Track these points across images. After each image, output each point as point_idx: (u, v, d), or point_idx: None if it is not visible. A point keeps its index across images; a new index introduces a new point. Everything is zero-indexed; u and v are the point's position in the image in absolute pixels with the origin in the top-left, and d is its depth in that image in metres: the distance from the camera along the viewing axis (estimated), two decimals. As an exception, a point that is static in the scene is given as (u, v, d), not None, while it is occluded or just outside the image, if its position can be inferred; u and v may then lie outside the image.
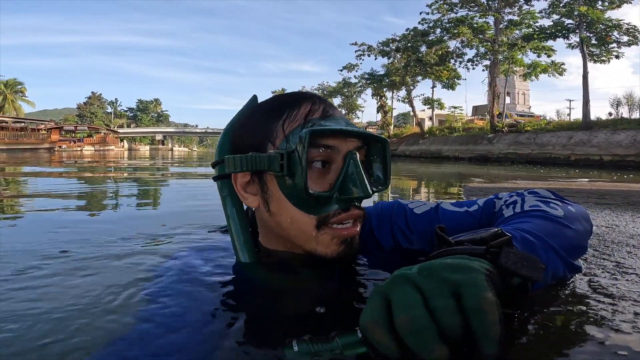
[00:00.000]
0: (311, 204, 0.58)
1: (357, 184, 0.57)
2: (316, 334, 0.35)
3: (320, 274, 0.64)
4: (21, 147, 23.27)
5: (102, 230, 1.24)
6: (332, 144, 0.59)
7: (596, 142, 13.56)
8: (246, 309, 0.54)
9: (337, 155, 0.59)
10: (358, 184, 0.57)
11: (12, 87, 43.14)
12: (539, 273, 0.38)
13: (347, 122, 0.64)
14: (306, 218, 0.59)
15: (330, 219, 0.59)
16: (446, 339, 0.31)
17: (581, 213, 0.65)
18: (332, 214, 0.58)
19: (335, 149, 0.59)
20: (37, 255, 0.84)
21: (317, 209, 0.58)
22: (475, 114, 32.93)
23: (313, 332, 0.37)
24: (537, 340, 0.44)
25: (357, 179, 0.57)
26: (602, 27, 15.67)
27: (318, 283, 0.63)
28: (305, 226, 0.59)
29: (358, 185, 0.57)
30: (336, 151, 0.59)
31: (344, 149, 0.59)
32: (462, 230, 0.51)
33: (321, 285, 0.62)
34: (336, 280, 0.64)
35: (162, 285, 0.62)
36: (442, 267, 0.35)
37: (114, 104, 63.44)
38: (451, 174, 5.90)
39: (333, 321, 0.51)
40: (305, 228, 0.60)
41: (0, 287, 0.65)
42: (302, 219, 0.59)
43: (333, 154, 0.59)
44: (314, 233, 0.59)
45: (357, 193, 0.57)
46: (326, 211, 0.58)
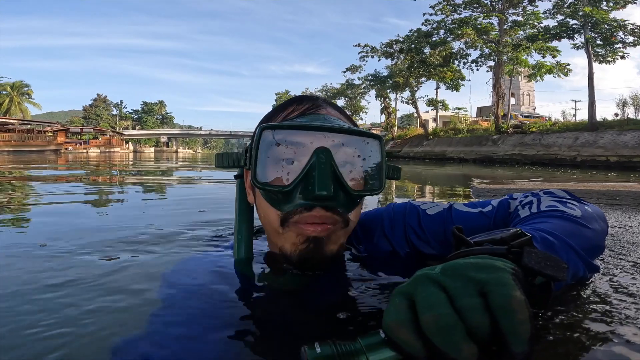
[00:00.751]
0: (275, 199, 0.59)
1: (316, 180, 0.54)
2: (316, 338, 0.35)
3: (310, 276, 0.63)
4: (27, 149, 23.51)
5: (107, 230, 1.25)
6: (298, 140, 0.58)
7: (602, 143, 13.46)
8: (236, 310, 0.54)
9: (307, 152, 0.57)
10: (316, 181, 0.54)
11: (19, 89, 43.36)
12: (563, 273, 0.38)
13: (328, 119, 0.62)
14: (273, 213, 0.60)
15: (293, 216, 0.57)
16: (474, 338, 0.31)
17: (597, 213, 0.65)
18: (295, 212, 0.57)
19: (303, 145, 0.58)
20: (51, 255, 0.85)
21: (280, 205, 0.58)
22: (479, 115, 32.82)
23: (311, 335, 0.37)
24: (564, 339, 0.44)
25: (317, 175, 0.54)
26: (607, 27, 15.57)
27: (308, 285, 0.61)
28: (273, 221, 0.60)
29: (316, 182, 0.54)
30: (305, 148, 0.58)
31: (314, 146, 0.57)
32: (476, 232, 0.50)
33: (311, 288, 0.61)
34: (334, 282, 0.63)
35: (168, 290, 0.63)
36: (466, 267, 0.35)
37: (119, 106, 63.92)
38: (456, 176, 5.88)
39: (331, 322, 0.51)
40: (273, 223, 0.60)
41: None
42: (270, 214, 0.60)
43: (302, 151, 0.58)
44: (279, 229, 0.60)
45: (315, 191, 0.54)
46: (288, 208, 0.58)
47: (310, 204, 0.56)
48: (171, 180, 3.99)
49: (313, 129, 0.58)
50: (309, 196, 0.55)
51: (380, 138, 0.62)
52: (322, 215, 0.57)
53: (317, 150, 0.56)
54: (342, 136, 0.59)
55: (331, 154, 0.56)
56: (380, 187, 0.62)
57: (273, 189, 0.57)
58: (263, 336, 0.48)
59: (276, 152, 0.58)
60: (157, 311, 0.55)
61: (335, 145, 0.58)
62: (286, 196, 0.58)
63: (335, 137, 0.59)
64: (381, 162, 0.61)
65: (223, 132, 59.56)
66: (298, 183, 0.56)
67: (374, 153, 0.62)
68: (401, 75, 23.74)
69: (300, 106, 0.64)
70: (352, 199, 0.60)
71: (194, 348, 0.45)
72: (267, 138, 0.58)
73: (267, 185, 0.58)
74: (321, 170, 0.55)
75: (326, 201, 0.56)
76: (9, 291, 0.66)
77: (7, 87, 41.56)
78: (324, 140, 0.58)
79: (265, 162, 0.58)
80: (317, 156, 0.56)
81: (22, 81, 44.60)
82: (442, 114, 28.64)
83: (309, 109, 0.64)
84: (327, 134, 0.58)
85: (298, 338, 0.46)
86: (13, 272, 0.77)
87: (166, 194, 2.69)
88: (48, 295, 0.65)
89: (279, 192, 0.57)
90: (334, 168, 0.56)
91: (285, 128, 0.58)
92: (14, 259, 0.86)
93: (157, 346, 0.45)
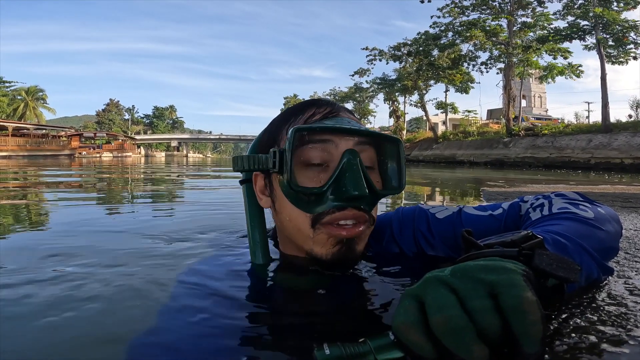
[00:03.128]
0: (305, 201, 0.59)
1: (350, 181, 0.55)
2: (333, 339, 0.35)
3: (329, 278, 0.63)
4: (42, 153, 24.01)
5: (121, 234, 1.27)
6: (328, 142, 0.59)
7: (616, 145, 13.17)
8: (256, 312, 0.55)
9: (335, 154, 0.59)
10: (350, 182, 0.55)
11: (34, 94, 43.90)
12: (575, 274, 0.38)
13: (350, 122, 0.63)
14: (302, 216, 0.60)
15: (324, 217, 0.58)
16: (484, 339, 0.31)
17: (611, 214, 0.64)
18: (326, 212, 0.58)
19: (331, 147, 0.59)
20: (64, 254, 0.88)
21: (311, 207, 0.59)
22: (490, 118, 32.42)
23: (327, 337, 0.37)
24: (578, 342, 0.44)
25: (350, 176, 0.56)
26: (618, 28, 15.31)
27: (327, 287, 0.62)
28: (301, 224, 0.60)
29: (350, 183, 0.55)
30: (333, 150, 0.59)
31: (341, 148, 0.59)
32: (487, 235, 0.50)
33: (330, 290, 0.61)
34: (347, 285, 0.63)
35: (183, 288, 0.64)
36: (476, 268, 0.35)
37: (131, 111, 64.97)
38: (467, 179, 5.82)
39: (346, 325, 0.51)
40: (302, 226, 0.60)
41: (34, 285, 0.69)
42: (298, 217, 0.60)
43: (330, 152, 0.59)
44: (309, 232, 0.60)
45: (350, 191, 0.55)
46: (320, 209, 0.58)
47: (343, 204, 0.58)
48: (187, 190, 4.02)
49: (344, 131, 0.59)
50: (343, 196, 0.57)
51: (399, 141, 0.64)
52: (355, 214, 0.58)
53: (346, 151, 0.58)
54: (367, 138, 0.61)
55: (359, 155, 0.58)
56: (401, 186, 0.64)
57: (307, 191, 0.58)
58: (273, 338, 0.48)
59: (308, 153, 0.60)
60: (171, 312, 0.56)
61: (360, 147, 0.60)
62: (319, 198, 0.58)
63: (361, 140, 0.61)
64: (400, 163, 0.64)
65: (232, 137, 60.06)
66: (331, 184, 0.57)
67: (394, 154, 0.64)
68: (409, 78, 23.65)
69: (321, 109, 0.65)
70: (377, 198, 0.62)
71: (207, 349, 0.45)
72: (300, 140, 0.59)
73: (302, 188, 0.58)
74: (354, 172, 0.56)
75: (359, 201, 0.58)
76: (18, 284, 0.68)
77: (22, 92, 42.13)
78: (350, 142, 0.60)
79: (299, 164, 0.59)
80: (348, 157, 0.57)
81: (36, 86, 44.94)
82: (451, 116, 28.40)
83: (331, 112, 0.65)
84: (355, 136, 0.60)
85: (307, 339, 0.46)
86: (21, 261, 0.79)
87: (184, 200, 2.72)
88: (58, 292, 0.67)
89: (312, 193, 0.58)
90: (363, 169, 0.57)
91: (318, 130, 0.59)
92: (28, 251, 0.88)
93: (172, 347, 0.46)
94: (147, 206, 2.17)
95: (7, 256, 0.94)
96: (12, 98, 39.69)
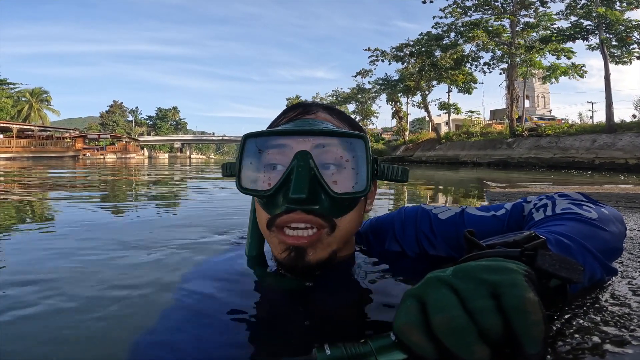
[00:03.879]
0: (264, 203, 0.61)
1: (293, 183, 0.54)
2: (334, 339, 0.35)
3: (330, 278, 0.63)
4: (47, 155, 24.17)
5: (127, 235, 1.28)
6: (280, 145, 0.60)
7: (621, 145, 13.09)
8: (257, 312, 0.55)
9: (289, 157, 0.58)
10: (293, 184, 0.54)
11: (38, 96, 43.85)
12: (578, 274, 0.38)
13: (313, 122, 0.62)
14: (263, 216, 0.62)
15: (277, 219, 0.59)
16: (486, 340, 0.30)
17: (614, 215, 0.64)
18: (278, 215, 0.58)
19: (285, 150, 0.59)
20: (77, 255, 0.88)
21: (268, 208, 0.60)
22: (493, 118, 32.32)
23: (328, 337, 0.36)
24: (581, 342, 0.44)
25: (294, 178, 0.55)
26: (621, 28, 15.22)
27: (328, 287, 0.62)
28: (262, 224, 0.63)
29: (292, 185, 0.54)
30: (289, 152, 0.59)
31: (294, 150, 0.58)
32: (490, 235, 0.49)
33: (331, 290, 0.61)
34: (347, 285, 0.64)
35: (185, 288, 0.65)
36: (478, 269, 0.35)
37: (135, 112, 65.23)
38: (470, 180, 5.80)
39: (347, 325, 0.51)
40: (262, 226, 0.63)
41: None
42: (261, 217, 0.63)
43: (286, 155, 0.59)
44: (267, 232, 0.62)
45: (291, 193, 0.54)
46: (274, 211, 0.59)
47: (292, 207, 0.57)
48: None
49: (291, 133, 0.59)
50: (289, 199, 0.56)
51: (363, 137, 0.59)
52: (301, 218, 0.57)
53: (297, 154, 0.57)
54: (323, 138, 0.59)
55: (311, 156, 0.56)
56: (365, 187, 0.58)
57: (255, 193, 0.60)
58: (274, 338, 0.48)
59: (260, 158, 0.61)
60: (174, 312, 0.56)
61: (316, 148, 0.58)
62: (270, 200, 0.59)
63: (316, 140, 0.59)
64: (366, 161, 0.59)
65: (235, 138, 60.08)
66: (279, 187, 0.57)
67: (357, 153, 0.59)
68: (412, 79, 23.61)
69: (292, 113, 0.67)
70: (338, 202, 0.58)
71: (209, 348, 0.46)
72: (250, 146, 0.61)
73: (248, 190, 0.60)
74: (299, 174, 0.55)
75: (305, 204, 0.56)
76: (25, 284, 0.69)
77: (26, 94, 42.15)
78: (304, 143, 0.58)
79: (249, 168, 0.61)
80: (297, 160, 0.56)
81: (41, 88, 44.90)
82: (454, 117, 28.31)
83: (297, 115, 0.66)
84: (308, 137, 0.58)
85: (308, 340, 0.46)
86: (27, 263, 0.80)
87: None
88: (61, 293, 0.68)
89: (262, 196, 0.59)
90: (313, 171, 0.56)
91: (265, 135, 0.61)
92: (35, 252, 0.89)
93: (174, 346, 0.46)
94: (152, 206, 2.19)
95: (16, 255, 0.95)
96: (16, 100, 39.82)
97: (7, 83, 32.97)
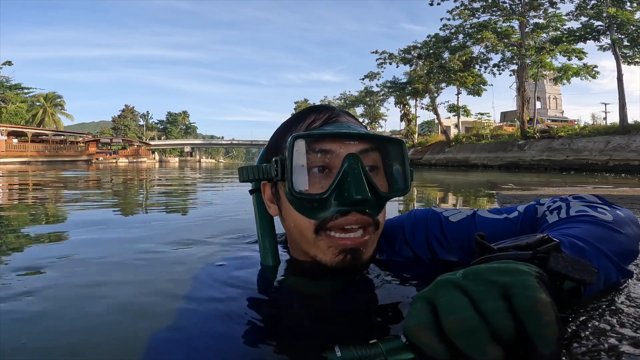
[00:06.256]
0: (309, 207, 0.60)
1: (351, 186, 0.55)
2: (344, 341, 0.35)
3: (341, 282, 0.63)
4: (61, 159, 24.61)
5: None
6: (328, 147, 0.60)
7: (635, 147, 12.82)
8: (269, 314, 0.56)
9: (337, 159, 0.59)
10: (352, 186, 0.55)
11: (52, 100, 44.34)
12: (592, 276, 0.37)
13: (350, 126, 0.64)
14: (306, 222, 0.61)
15: (328, 223, 0.58)
16: (498, 341, 0.30)
17: (630, 217, 0.63)
18: (330, 218, 0.58)
19: (333, 153, 0.60)
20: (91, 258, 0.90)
21: (314, 213, 0.59)
22: (503, 121, 31.91)
23: (338, 339, 0.37)
24: (597, 344, 0.43)
25: (352, 180, 0.56)
26: (633, 28, 14.96)
27: (338, 291, 0.62)
28: (305, 230, 0.61)
29: (352, 187, 0.55)
30: (335, 155, 0.59)
31: (343, 153, 0.59)
32: (502, 238, 0.49)
33: (341, 293, 0.62)
34: (358, 288, 0.64)
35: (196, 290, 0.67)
36: (489, 271, 0.35)
37: (146, 117, 66.11)
38: (480, 183, 5.74)
39: (357, 327, 0.51)
40: (305, 232, 0.61)
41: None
42: (302, 223, 0.61)
43: (332, 158, 0.60)
44: (312, 238, 0.60)
45: (353, 195, 0.55)
46: (324, 215, 0.59)
47: (347, 209, 0.58)
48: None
49: (343, 136, 0.60)
50: (346, 201, 0.57)
51: (401, 142, 0.64)
52: (359, 219, 0.58)
53: (347, 156, 0.58)
54: (368, 142, 0.61)
55: (360, 159, 0.58)
56: (406, 188, 0.64)
57: (309, 197, 0.58)
58: (284, 340, 0.49)
59: (310, 160, 0.60)
60: (189, 312, 0.58)
61: (362, 151, 0.60)
62: (322, 204, 0.59)
63: (362, 144, 0.61)
64: (404, 164, 0.64)
65: (244, 142, 60.55)
66: (333, 189, 0.57)
67: (397, 156, 0.64)
68: (420, 81, 23.50)
69: (321, 115, 0.66)
70: (382, 201, 0.62)
71: (223, 348, 0.47)
72: (299, 147, 0.59)
73: (303, 194, 0.59)
74: (355, 176, 0.56)
75: (361, 205, 0.58)
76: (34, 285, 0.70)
77: (40, 99, 42.71)
78: (351, 146, 0.60)
79: (300, 172, 0.60)
80: (349, 162, 0.57)
81: (54, 92, 45.34)
82: (464, 119, 28.08)
83: (331, 118, 0.66)
84: (356, 141, 0.60)
85: (319, 342, 0.47)
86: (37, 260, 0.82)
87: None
88: (77, 290, 0.70)
89: (314, 200, 0.58)
90: (365, 173, 0.58)
91: (316, 137, 0.60)
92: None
93: (189, 345, 0.47)
94: (163, 209, 2.22)
95: (35, 254, 0.98)
96: (31, 104, 40.58)
97: (21, 87, 33.67)
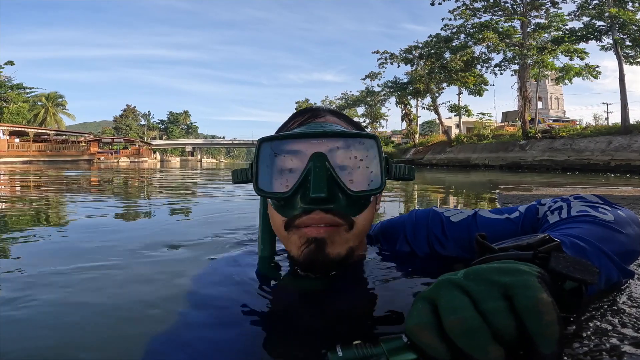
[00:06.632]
0: (280, 206, 0.62)
1: (312, 184, 0.55)
2: (346, 341, 0.35)
3: (341, 280, 0.64)
4: (62, 158, 24.66)
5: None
6: (296, 148, 0.61)
7: (637, 147, 12.79)
8: (269, 313, 0.56)
9: (304, 159, 0.59)
10: (312, 185, 0.55)
11: (54, 100, 44.46)
12: (593, 276, 0.37)
13: (324, 125, 0.64)
14: (279, 219, 0.63)
15: (294, 220, 0.60)
16: (499, 341, 0.30)
17: (631, 217, 0.63)
18: (296, 216, 0.60)
19: (301, 153, 0.60)
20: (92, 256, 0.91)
21: (285, 211, 0.61)
22: (505, 121, 31.88)
23: (339, 339, 0.36)
24: (598, 344, 0.43)
25: (312, 179, 0.56)
26: (634, 28, 14.94)
27: (339, 289, 0.62)
28: (279, 226, 0.63)
29: (312, 186, 0.55)
30: (303, 155, 0.60)
31: (309, 152, 0.59)
32: (503, 238, 0.49)
33: (342, 292, 0.62)
34: (359, 287, 0.64)
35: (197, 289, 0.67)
36: (489, 271, 0.35)
37: (147, 116, 66.26)
38: (481, 183, 5.73)
39: (359, 327, 0.52)
40: (279, 228, 0.64)
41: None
42: (276, 220, 0.64)
43: (301, 158, 0.60)
44: (285, 234, 0.63)
45: (310, 194, 0.55)
46: (292, 213, 0.60)
47: (310, 207, 0.58)
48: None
49: (305, 136, 0.61)
50: (307, 200, 0.57)
51: (375, 137, 0.62)
52: (321, 218, 0.58)
53: (312, 155, 0.58)
54: (336, 140, 0.61)
55: (326, 157, 0.58)
56: (381, 185, 0.61)
57: (274, 196, 0.61)
58: (286, 339, 0.49)
59: (275, 162, 0.62)
60: (188, 312, 0.58)
61: (330, 150, 0.60)
62: (288, 202, 0.60)
63: (330, 142, 0.60)
64: (379, 160, 0.61)
65: (245, 142, 60.60)
66: (297, 189, 0.58)
67: (370, 152, 0.62)
68: (421, 81, 23.49)
69: (301, 117, 0.68)
70: (354, 200, 0.60)
71: (217, 348, 0.47)
72: (265, 150, 0.62)
73: (267, 193, 0.61)
74: (316, 174, 0.56)
75: (323, 204, 0.57)
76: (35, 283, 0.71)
77: (42, 98, 42.66)
78: (319, 146, 0.60)
79: (265, 172, 0.62)
80: (313, 161, 0.57)
81: (56, 92, 45.48)
82: (465, 119, 28.00)
83: (308, 119, 0.68)
84: (322, 139, 0.60)
85: (320, 341, 0.47)
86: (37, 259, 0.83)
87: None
88: (78, 291, 0.70)
89: (280, 198, 0.60)
90: (330, 171, 0.57)
91: (280, 139, 0.62)
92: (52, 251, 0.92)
93: (189, 345, 0.47)
94: (165, 208, 2.23)
95: (36, 256, 0.98)
96: (32, 104, 40.64)
97: (23, 87, 33.75)
